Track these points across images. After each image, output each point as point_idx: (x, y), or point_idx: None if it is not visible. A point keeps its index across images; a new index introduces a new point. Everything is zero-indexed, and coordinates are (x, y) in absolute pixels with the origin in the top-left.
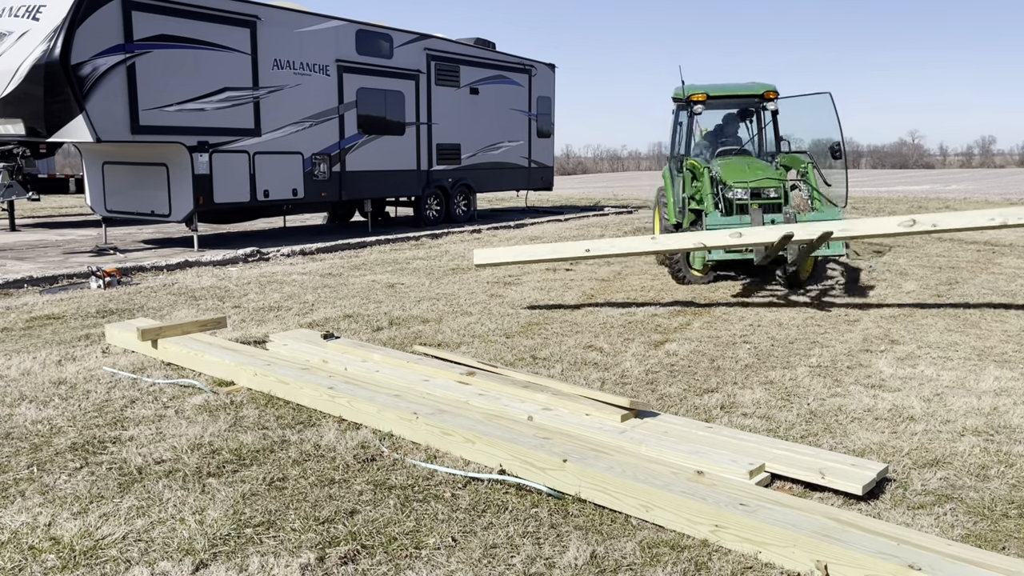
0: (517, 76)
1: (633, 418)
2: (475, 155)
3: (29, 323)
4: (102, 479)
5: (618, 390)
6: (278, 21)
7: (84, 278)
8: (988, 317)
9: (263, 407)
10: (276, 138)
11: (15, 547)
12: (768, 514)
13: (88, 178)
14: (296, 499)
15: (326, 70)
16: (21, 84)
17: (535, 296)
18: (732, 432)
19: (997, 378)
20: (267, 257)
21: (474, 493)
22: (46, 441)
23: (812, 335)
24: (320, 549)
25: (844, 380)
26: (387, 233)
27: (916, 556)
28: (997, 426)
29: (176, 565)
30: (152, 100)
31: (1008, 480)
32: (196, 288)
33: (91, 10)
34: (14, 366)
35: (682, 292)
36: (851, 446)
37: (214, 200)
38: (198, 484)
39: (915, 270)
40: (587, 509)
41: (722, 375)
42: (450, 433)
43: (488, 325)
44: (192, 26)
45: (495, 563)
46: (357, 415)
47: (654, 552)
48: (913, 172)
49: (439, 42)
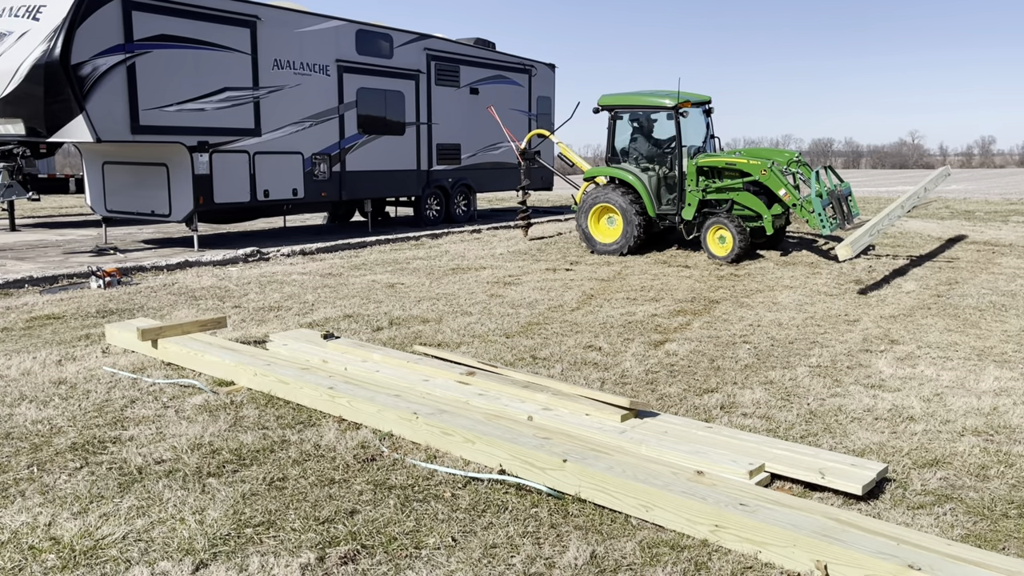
0: (517, 76)
1: (633, 418)
2: (475, 155)
3: (29, 323)
4: (102, 479)
5: (618, 390)
6: (278, 21)
7: (84, 278)
8: (988, 317)
9: (263, 407)
10: (276, 138)
11: (15, 547)
12: (768, 514)
13: (88, 178)
14: (296, 499)
15: (326, 70)
16: (21, 84)
17: (535, 296)
18: (732, 432)
19: (997, 378)
20: (267, 257)
21: (474, 493)
22: (46, 441)
23: (812, 335)
24: (320, 549)
25: (844, 380)
26: (387, 233)
27: (916, 556)
28: (997, 426)
29: (176, 565)
30: (152, 100)
31: (1008, 480)
32: (196, 288)
33: (91, 10)
34: (14, 366)
35: (682, 292)
36: (851, 446)
37: (214, 200)
38: (198, 484)
39: (915, 270)
40: (587, 509)
41: (722, 375)
42: (450, 433)
43: (488, 325)
44: (192, 26)
45: (495, 563)
46: (357, 415)
47: (654, 552)
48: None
49: (439, 42)
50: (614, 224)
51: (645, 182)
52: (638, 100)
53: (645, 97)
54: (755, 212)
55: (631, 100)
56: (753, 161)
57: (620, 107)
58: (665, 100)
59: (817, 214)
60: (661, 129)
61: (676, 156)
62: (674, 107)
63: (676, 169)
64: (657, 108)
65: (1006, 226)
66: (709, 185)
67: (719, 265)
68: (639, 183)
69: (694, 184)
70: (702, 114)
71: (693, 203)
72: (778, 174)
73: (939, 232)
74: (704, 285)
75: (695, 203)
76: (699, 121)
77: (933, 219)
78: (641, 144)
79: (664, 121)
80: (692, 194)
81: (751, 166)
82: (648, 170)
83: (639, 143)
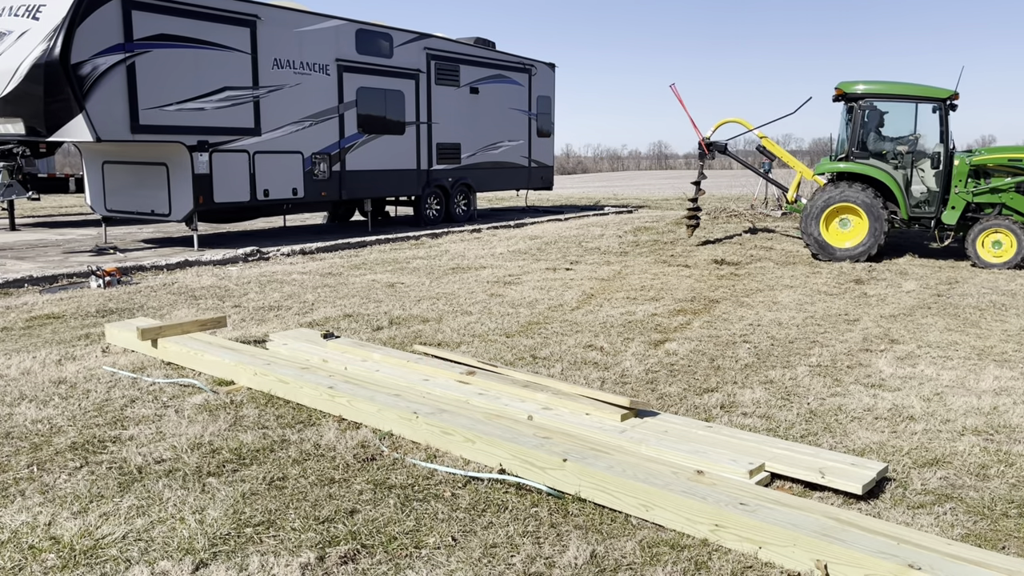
0: (517, 76)
1: (633, 417)
2: (475, 154)
3: (29, 323)
4: (102, 478)
5: (618, 390)
6: (278, 20)
7: (84, 277)
8: (988, 317)
9: (263, 406)
10: (276, 137)
11: (15, 547)
12: (768, 513)
13: (88, 177)
14: (296, 498)
15: (326, 69)
16: (21, 83)
17: (535, 295)
18: (732, 431)
19: (997, 378)
20: (267, 256)
21: (474, 492)
22: (46, 440)
23: (812, 335)
24: (320, 548)
25: (844, 380)
26: (387, 233)
27: (916, 555)
28: (997, 426)
29: (176, 565)
30: (152, 99)
31: (1008, 480)
32: (196, 287)
33: (91, 9)
34: (14, 365)
35: (682, 291)
36: (851, 445)
37: (214, 199)
38: (198, 483)
39: (915, 270)
40: (587, 508)
41: (722, 375)
42: (450, 432)
43: (488, 324)
44: (192, 25)
45: (495, 562)
46: (357, 415)
47: (654, 551)
48: None
49: (439, 41)
50: (848, 227)
51: (899, 180)
52: (900, 89)
53: (909, 87)
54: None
55: (889, 89)
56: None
57: (873, 96)
58: (937, 92)
59: None
60: (910, 123)
61: (943, 154)
62: (946, 99)
63: (941, 167)
64: (924, 99)
65: None
66: (979, 185)
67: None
68: (892, 181)
69: (963, 185)
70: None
71: (959, 205)
72: None
73: None
74: (704, 285)
75: (961, 206)
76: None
77: None
78: (883, 139)
79: (925, 114)
80: (959, 196)
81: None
82: (899, 167)
83: (880, 138)
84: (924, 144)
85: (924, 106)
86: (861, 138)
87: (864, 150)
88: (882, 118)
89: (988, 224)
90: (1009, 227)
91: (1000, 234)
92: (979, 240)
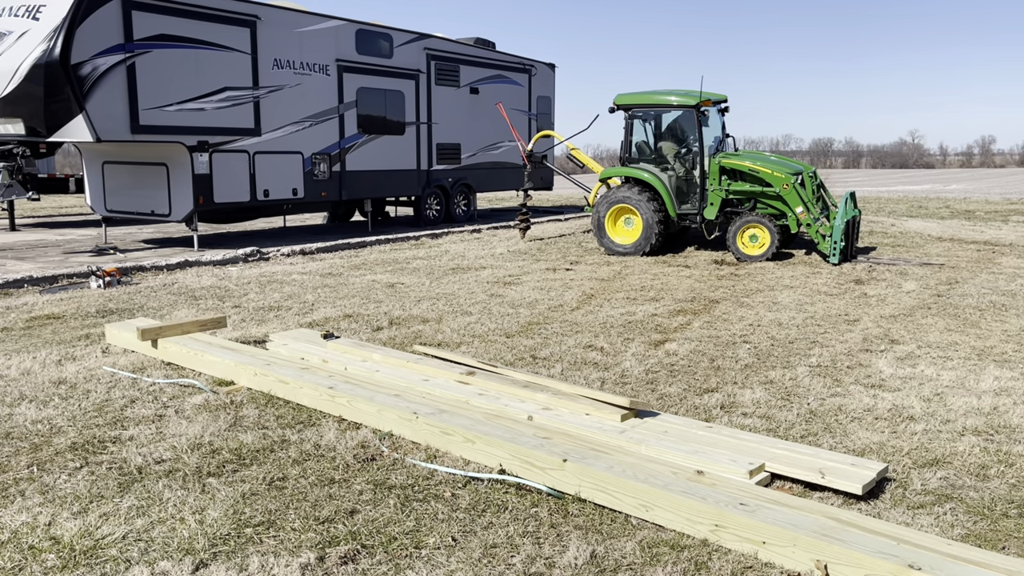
0: (517, 76)
1: (633, 418)
2: (475, 155)
3: (29, 323)
4: (102, 479)
5: (618, 390)
6: (278, 21)
7: (84, 278)
8: (988, 317)
9: (263, 407)
10: (276, 138)
11: (15, 547)
12: (768, 514)
13: (88, 178)
14: (296, 499)
15: (326, 70)
16: (21, 84)
17: (535, 296)
18: (732, 432)
19: (997, 378)
20: (267, 257)
21: (474, 493)
22: (46, 441)
23: (812, 335)
24: (320, 549)
25: (844, 380)
26: (387, 233)
27: (916, 556)
28: (997, 426)
29: (176, 565)
30: (152, 100)
31: (1008, 480)
32: (196, 288)
33: (91, 10)
34: (14, 366)
35: (682, 292)
36: (851, 446)
37: (214, 200)
38: (198, 484)
39: (915, 270)
40: (587, 509)
41: (722, 375)
42: (450, 433)
43: (488, 325)
44: (192, 26)
45: (495, 563)
46: (357, 415)
47: (654, 552)
48: (913, 172)
49: (439, 42)
50: (631, 225)
51: (665, 182)
52: (657, 99)
53: (665, 96)
54: (779, 211)
55: (650, 99)
56: (777, 173)
57: (638, 106)
58: (687, 99)
59: (834, 242)
60: (678, 129)
61: (698, 155)
62: (695, 106)
63: (697, 168)
64: (678, 107)
65: (1006, 226)
66: (732, 184)
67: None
68: (659, 183)
69: (716, 183)
70: (717, 113)
71: (716, 202)
72: (799, 190)
73: (939, 232)
74: (704, 285)
75: (718, 202)
76: (714, 120)
77: (933, 219)
78: (657, 144)
79: (683, 120)
80: (715, 193)
81: (774, 178)
82: (667, 170)
83: (655, 143)
84: (692, 147)
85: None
86: (637, 144)
87: (642, 155)
88: (669, 124)
89: (745, 220)
90: (762, 222)
91: (755, 229)
92: (738, 235)
